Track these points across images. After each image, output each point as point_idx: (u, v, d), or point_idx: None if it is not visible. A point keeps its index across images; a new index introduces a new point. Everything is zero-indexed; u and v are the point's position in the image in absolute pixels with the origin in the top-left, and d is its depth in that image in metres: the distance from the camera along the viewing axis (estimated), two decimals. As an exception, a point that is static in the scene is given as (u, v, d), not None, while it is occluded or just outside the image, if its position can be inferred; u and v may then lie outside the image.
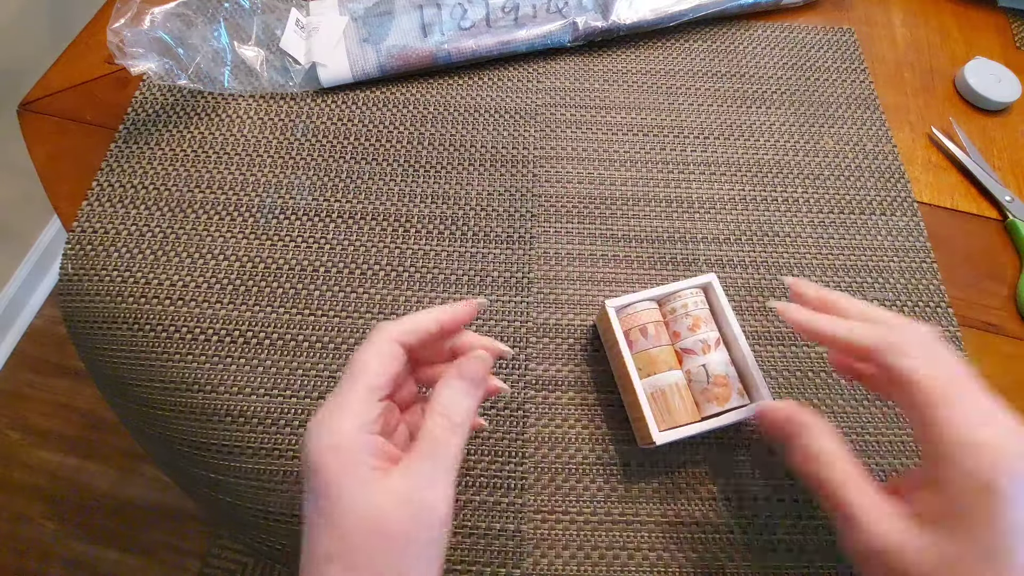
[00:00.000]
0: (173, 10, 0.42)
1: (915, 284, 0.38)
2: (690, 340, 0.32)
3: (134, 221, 0.39)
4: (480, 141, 0.43)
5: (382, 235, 0.39)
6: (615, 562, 0.30)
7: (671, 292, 0.33)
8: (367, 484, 0.20)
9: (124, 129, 0.43)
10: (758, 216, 0.40)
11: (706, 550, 0.31)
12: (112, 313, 0.36)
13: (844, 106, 0.45)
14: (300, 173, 0.41)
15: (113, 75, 0.46)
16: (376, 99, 0.45)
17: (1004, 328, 0.37)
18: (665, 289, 0.33)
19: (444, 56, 0.45)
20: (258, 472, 0.32)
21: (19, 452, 0.99)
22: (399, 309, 0.36)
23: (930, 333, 0.24)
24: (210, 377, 0.34)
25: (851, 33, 0.49)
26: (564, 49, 0.47)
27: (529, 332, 0.36)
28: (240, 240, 0.39)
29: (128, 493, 0.96)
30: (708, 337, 0.32)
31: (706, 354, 0.31)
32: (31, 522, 0.94)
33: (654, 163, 0.42)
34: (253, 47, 0.45)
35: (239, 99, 0.44)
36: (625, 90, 0.46)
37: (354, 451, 0.21)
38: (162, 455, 0.36)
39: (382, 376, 0.22)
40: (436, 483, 0.21)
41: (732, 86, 0.46)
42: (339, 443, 0.21)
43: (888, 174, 0.42)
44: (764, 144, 0.43)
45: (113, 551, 0.92)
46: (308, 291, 0.37)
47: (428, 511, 0.20)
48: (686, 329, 0.32)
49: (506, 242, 0.39)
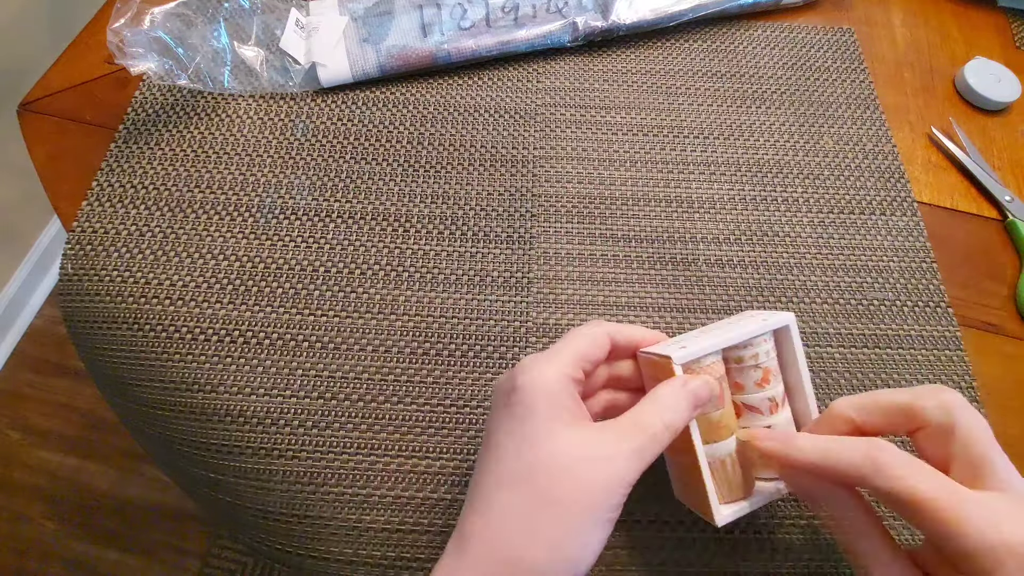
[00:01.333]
0: (173, 10, 0.42)
1: (915, 284, 0.38)
2: (756, 397, 0.27)
3: (134, 221, 0.39)
4: (480, 141, 0.43)
5: (382, 235, 0.39)
6: (615, 562, 0.30)
7: (743, 339, 0.27)
8: (566, 425, 0.21)
9: (124, 129, 0.43)
10: (758, 216, 0.40)
11: (705, 550, 0.31)
12: (112, 313, 0.36)
13: (844, 106, 0.45)
14: (300, 173, 0.41)
15: (113, 75, 0.46)
16: (376, 99, 0.45)
17: (1004, 328, 0.37)
18: (734, 333, 0.27)
19: (444, 56, 0.45)
20: (258, 472, 0.32)
21: (19, 452, 0.99)
22: (399, 309, 0.36)
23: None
24: (210, 377, 0.34)
25: (851, 33, 0.49)
26: (564, 49, 0.47)
27: (529, 332, 0.36)
28: (240, 240, 0.39)
29: (128, 493, 0.96)
30: (776, 393, 0.27)
31: (773, 415, 0.27)
32: (31, 522, 0.94)
33: (654, 163, 0.42)
34: (253, 47, 0.45)
35: (239, 99, 0.44)
36: (625, 90, 0.46)
37: (560, 393, 0.22)
38: (162, 455, 0.36)
39: (591, 351, 0.24)
40: (628, 457, 0.21)
41: (732, 86, 0.46)
42: (548, 381, 0.22)
43: (888, 174, 0.42)
44: (764, 144, 0.43)
45: (113, 551, 0.92)
46: (308, 291, 0.37)
47: (614, 476, 0.21)
48: (752, 384, 0.27)
49: (506, 242, 0.39)
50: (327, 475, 0.32)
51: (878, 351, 0.36)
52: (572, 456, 0.21)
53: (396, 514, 0.31)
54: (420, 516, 0.31)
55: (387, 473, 0.32)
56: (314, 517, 0.31)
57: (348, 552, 0.31)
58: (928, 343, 0.36)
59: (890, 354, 0.36)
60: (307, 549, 0.31)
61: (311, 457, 0.32)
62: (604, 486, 0.21)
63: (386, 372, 0.35)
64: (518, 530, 0.20)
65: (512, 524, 0.21)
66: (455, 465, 0.32)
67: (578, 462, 0.21)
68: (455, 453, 0.33)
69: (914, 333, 0.36)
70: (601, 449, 0.21)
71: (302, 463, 0.32)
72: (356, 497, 0.32)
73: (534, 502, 0.21)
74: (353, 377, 0.34)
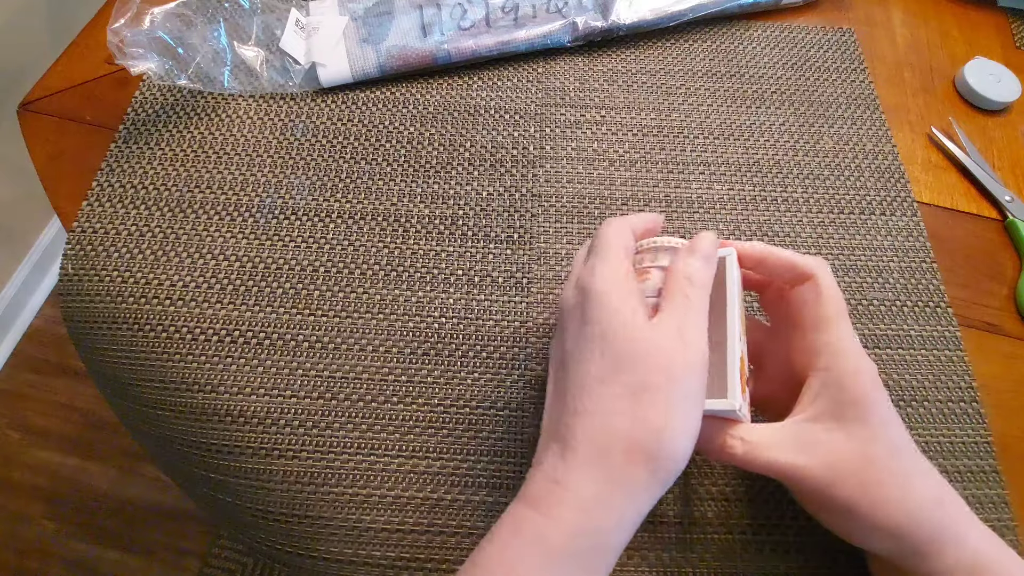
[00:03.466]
0: (173, 10, 0.42)
1: (915, 284, 0.38)
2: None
3: (134, 221, 0.39)
4: (480, 141, 0.43)
5: (382, 235, 0.39)
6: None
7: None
8: (644, 319, 0.24)
9: (124, 129, 0.43)
10: (758, 216, 0.40)
11: (705, 550, 0.31)
12: (112, 313, 0.36)
13: (844, 106, 0.45)
14: (300, 173, 0.41)
15: (113, 75, 0.46)
16: (376, 99, 0.45)
17: (1004, 328, 0.37)
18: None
19: (444, 56, 0.45)
20: (258, 472, 0.32)
21: (19, 452, 0.99)
22: (399, 309, 0.36)
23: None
24: (210, 377, 0.34)
25: (851, 33, 0.49)
26: (564, 49, 0.47)
27: (529, 332, 0.36)
28: (240, 240, 0.39)
29: (128, 493, 0.96)
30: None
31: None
32: (31, 522, 0.94)
33: (654, 163, 0.42)
34: (253, 47, 0.45)
35: (239, 99, 0.44)
36: (625, 90, 0.46)
37: (628, 291, 0.24)
38: (162, 455, 0.36)
39: (630, 242, 0.26)
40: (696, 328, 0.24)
41: (732, 86, 0.46)
42: (616, 282, 0.24)
43: (888, 174, 0.42)
44: (764, 144, 0.43)
45: (113, 551, 0.92)
46: (308, 291, 0.37)
47: (693, 351, 0.23)
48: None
49: (506, 242, 0.39)
50: (327, 475, 0.32)
51: (878, 351, 0.36)
52: (658, 346, 0.23)
53: (396, 514, 0.31)
54: (420, 516, 0.31)
55: (387, 473, 0.32)
56: (314, 517, 0.31)
57: (348, 552, 0.31)
58: (928, 343, 0.36)
59: (890, 354, 0.36)
60: (307, 549, 0.31)
61: (311, 457, 0.32)
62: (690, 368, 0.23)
63: (386, 372, 0.35)
64: (625, 419, 0.22)
65: (618, 416, 0.22)
66: (455, 465, 0.32)
67: (664, 351, 0.23)
68: (455, 453, 0.33)
69: (914, 333, 0.36)
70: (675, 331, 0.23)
71: (302, 463, 0.32)
72: (356, 497, 0.32)
73: (635, 391, 0.22)
74: (353, 377, 0.34)
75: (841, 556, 0.30)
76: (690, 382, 0.23)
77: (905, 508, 0.24)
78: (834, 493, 0.24)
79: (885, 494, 0.24)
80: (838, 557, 0.30)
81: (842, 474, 0.24)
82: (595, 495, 0.22)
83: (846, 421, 0.24)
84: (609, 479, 0.22)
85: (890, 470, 0.24)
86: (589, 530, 0.22)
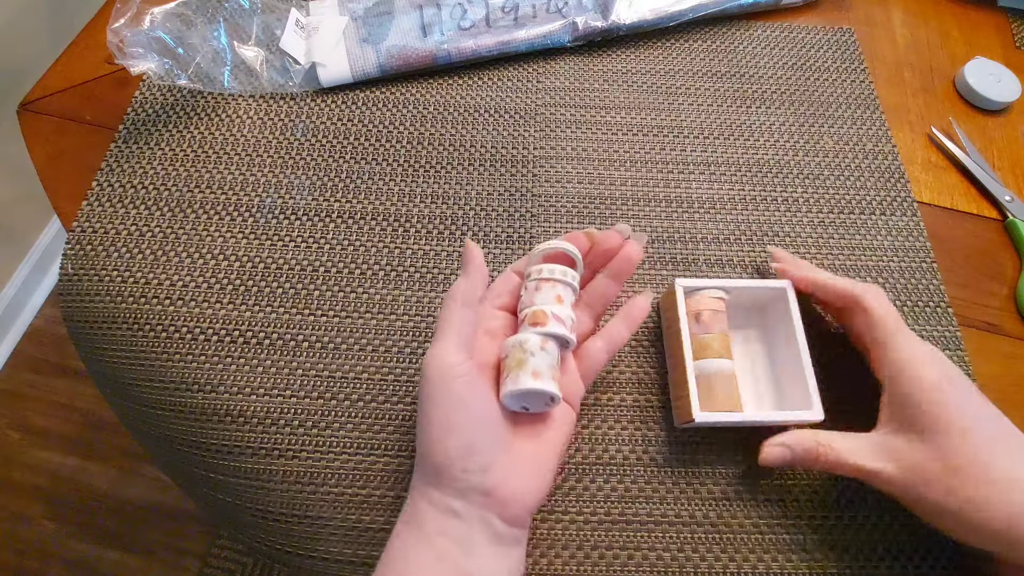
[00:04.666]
0: (173, 10, 0.42)
1: (915, 284, 0.38)
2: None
3: (134, 221, 0.39)
4: (480, 141, 0.43)
5: (382, 235, 0.39)
6: (615, 562, 0.30)
7: (742, 287, 0.33)
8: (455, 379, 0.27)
9: (124, 129, 0.43)
10: (758, 216, 0.40)
11: (707, 550, 0.31)
12: (112, 313, 0.36)
13: (844, 106, 0.45)
14: (300, 173, 0.41)
15: (113, 75, 0.46)
16: (376, 99, 0.45)
17: (1004, 328, 0.37)
18: (735, 284, 0.33)
19: (444, 56, 0.45)
20: (258, 472, 0.32)
21: (19, 452, 0.99)
22: (399, 309, 0.36)
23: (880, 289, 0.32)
24: (210, 377, 0.34)
25: (851, 33, 0.49)
26: (564, 49, 0.47)
27: (529, 332, 0.36)
28: (240, 240, 0.39)
29: (128, 493, 0.96)
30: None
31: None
32: (31, 522, 0.94)
33: (654, 163, 0.42)
34: (253, 47, 0.45)
35: (239, 99, 0.44)
36: (625, 90, 0.46)
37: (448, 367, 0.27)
38: (162, 455, 0.36)
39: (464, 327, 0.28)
40: (446, 347, 0.27)
41: (732, 86, 0.46)
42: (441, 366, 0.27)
43: (888, 174, 0.42)
44: (764, 144, 0.43)
45: (113, 551, 0.92)
46: (308, 291, 0.37)
47: (445, 366, 0.26)
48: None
49: (506, 242, 0.39)
50: (327, 475, 0.32)
51: (878, 351, 0.36)
52: (460, 395, 0.26)
53: (396, 514, 0.31)
54: (420, 516, 0.31)
55: (387, 473, 0.32)
56: (314, 517, 0.32)
57: (348, 552, 0.31)
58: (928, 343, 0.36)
59: (890, 354, 0.36)
60: (307, 549, 0.31)
61: (311, 457, 0.32)
62: (442, 375, 0.26)
63: (386, 372, 0.35)
64: (439, 446, 0.26)
65: (436, 444, 0.26)
66: (455, 465, 0.32)
67: (463, 396, 0.26)
68: (455, 453, 0.32)
69: (914, 333, 0.36)
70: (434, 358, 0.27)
71: (302, 463, 0.32)
72: (356, 497, 0.32)
73: (445, 426, 0.26)
74: (353, 377, 0.34)
75: (840, 556, 0.30)
76: (481, 411, 0.27)
77: (1005, 513, 0.24)
78: (921, 494, 0.26)
79: (979, 498, 0.25)
80: (838, 557, 0.30)
81: (926, 478, 0.26)
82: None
83: (922, 431, 0.27)
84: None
85: (977, 480, 0.25)
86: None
